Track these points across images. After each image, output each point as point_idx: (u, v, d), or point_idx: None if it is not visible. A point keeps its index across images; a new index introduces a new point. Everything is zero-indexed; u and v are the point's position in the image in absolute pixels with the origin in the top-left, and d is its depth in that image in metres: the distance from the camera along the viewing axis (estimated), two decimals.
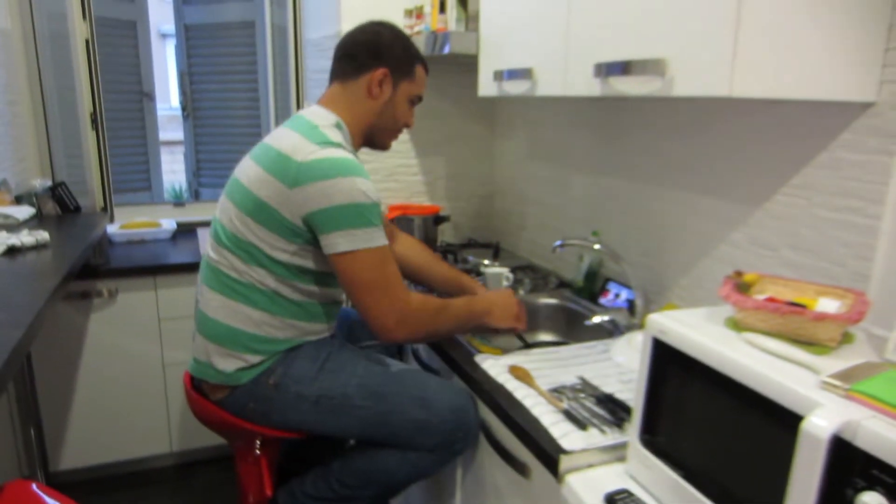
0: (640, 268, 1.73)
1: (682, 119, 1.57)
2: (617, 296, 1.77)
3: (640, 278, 1.66)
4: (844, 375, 0.75)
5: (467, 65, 2.25)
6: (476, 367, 1.40)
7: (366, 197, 1.28)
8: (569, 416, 1.16)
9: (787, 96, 1.06)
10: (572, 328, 1.81)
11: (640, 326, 1.59)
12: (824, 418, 0.69)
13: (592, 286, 1.88)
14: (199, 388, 1.47)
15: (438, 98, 2.38)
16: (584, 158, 1.98)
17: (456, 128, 2.45)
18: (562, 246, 1.69)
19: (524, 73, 1.57)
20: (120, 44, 2.92)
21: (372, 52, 1.42)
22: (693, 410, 0.91)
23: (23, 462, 2.07)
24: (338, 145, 1.33)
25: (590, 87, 1.33)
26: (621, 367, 1.39)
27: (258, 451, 1.51)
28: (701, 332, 0.91)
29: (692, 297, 1.58)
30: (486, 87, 1.80)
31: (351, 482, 1.42)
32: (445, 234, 2.48)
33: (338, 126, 1.40)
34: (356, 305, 1.34)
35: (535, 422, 1.16)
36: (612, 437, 1.10)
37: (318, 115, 1.40)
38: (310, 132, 1.34)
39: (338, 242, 1.28)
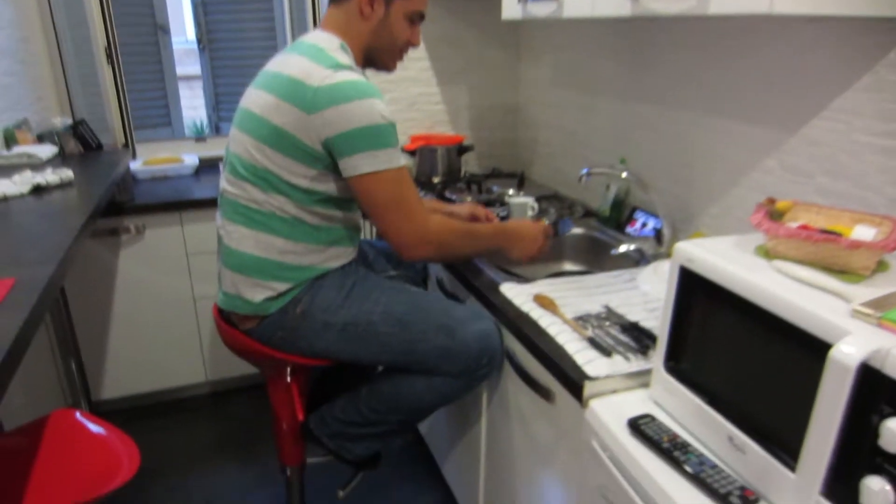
0: (669, 196, 1.70)
1: (716, 41, 1.50)
2: (644, 225, 1.75)
3: (667, 207, 1.64)
4: (877, 304, 0.74)
5: None
6: (501, 295, 1.41)
7: (383, 118, 1.29)
8: (594, 343, 1.17)
9: (830, 12, 1.01)
10: (598, 258, 1.81)
11: (667, 255, 1.58)
12: (853, 346, 0.68)
13: (619, 215, 1.85)
14: (228, 319, 1.51)
15: (460, 24, 2.31)
16: (611, 84, 1.92)
17: (479, 54, 2.38)
18: (588, 174, 1.66)
19: None
20: None
21: None
22: (718, 338, 0.91)
23: (66, 393, 2.17)
24: (348, 67, 1.32)
25: (619, 6, 1.27)
26: (647, 296, 1.38)
27: (289, 379, 1.56)
28: (729, 259, 0.90)
29: (721, 225, 1.56)
30: (510, 9, 1.73)
31: (378, 407, 1.47)
32: (469, 164, 2.45)
33: (342, 48, 1.38)
34: (377, 225, 1.37)
35: (560, 349, 1.17)
36: (636, 364, 1.11)
37: (322, 39, 1.38)
38: (318, 55, 1.32)
39: (359, 164, 1.29)
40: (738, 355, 0.88)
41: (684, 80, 1.62)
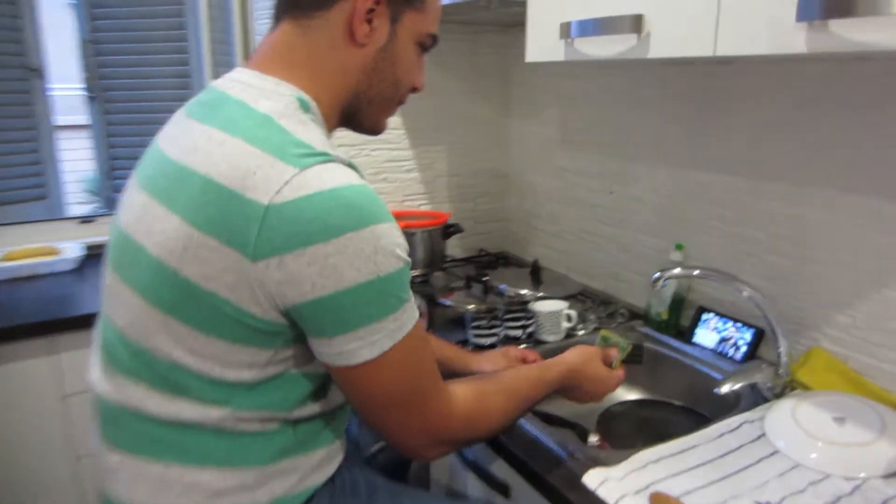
0: (761, 297, 1.24)
1: (842, 82, 1.08)
2: (726, 340, 1.28)
3: (759, 311, 1.17)
4: None
5: (472, 24, 1.72)
6: (586, 492, 0.87)
7: (397, 257, 0.72)
8: None
9: None
10: (661, 377, 1.32)
11: (793, 388, 1.11)
12: None
13: (679, 319, 1.39)
14: None
15: (435, 71, 1.81)
16: (656, 144, 1.46)
17: (459, 109, 1.89)
18: (658, 280, 1.17)
19: (624, 24, 1.03)
20: None
21: None
22: None
23: None
24: (325, 156, 0.71)
25: (785, 41, 0.80)
26: (790, 459, 0.91)
27: None
28: None
29: (855, 340, 1.12)
30: (541, 49, 1.24)
31: None
32: (451, 246, 1.91)
33: (302, 105, 0.77)
34: (368, 420, 0.80)
35: None
36: None
37: (262, 90, 0.77)
38: (264, 133, 0.71)
39: (351, 352, 0.72)
40: None
41: (781, 138, 1.20)
